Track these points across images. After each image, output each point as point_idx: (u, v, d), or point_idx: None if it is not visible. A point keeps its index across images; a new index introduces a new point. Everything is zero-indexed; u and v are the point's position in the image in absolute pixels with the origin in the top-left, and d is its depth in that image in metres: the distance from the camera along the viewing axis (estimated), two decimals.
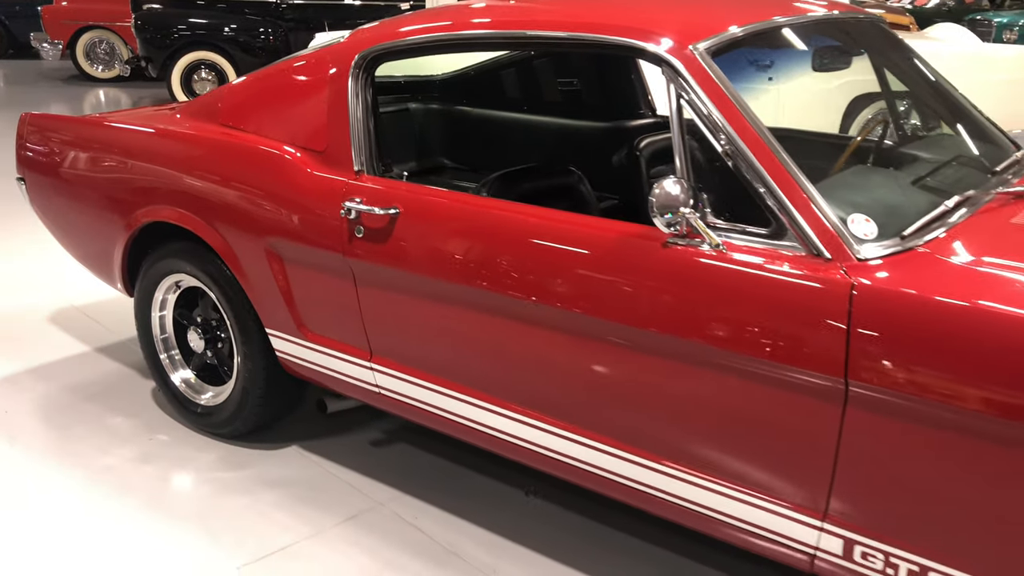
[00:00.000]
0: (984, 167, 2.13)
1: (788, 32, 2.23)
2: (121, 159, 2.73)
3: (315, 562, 2.22)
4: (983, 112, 2.56)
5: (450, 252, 2.03)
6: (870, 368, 1.53)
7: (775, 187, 1.69)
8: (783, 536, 1.75)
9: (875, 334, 1.52)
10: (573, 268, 1.85)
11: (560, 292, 1.87)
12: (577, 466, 2.00)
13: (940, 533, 1.56)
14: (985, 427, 1.45)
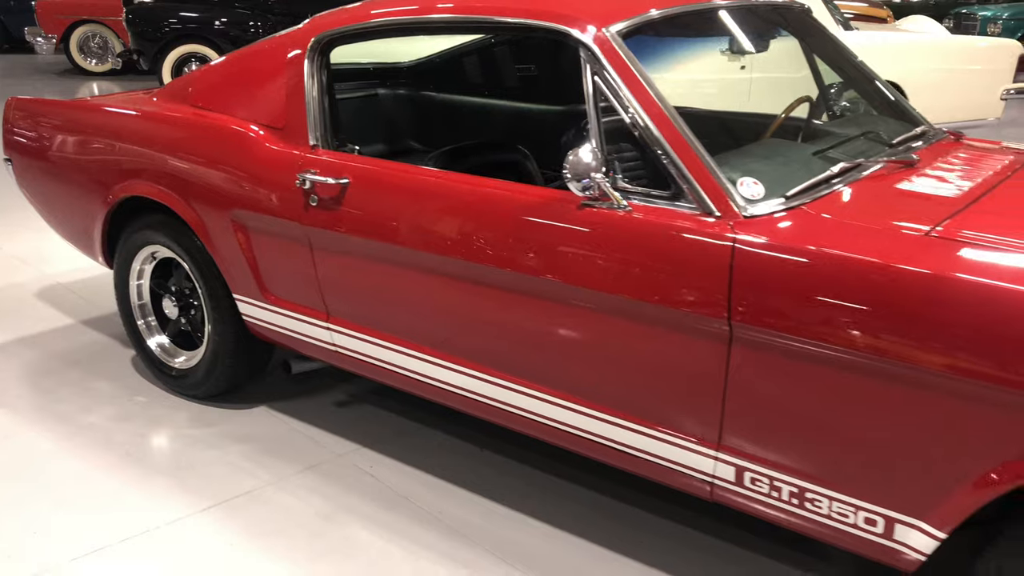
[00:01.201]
0: (884, 140, 2.33)
1: (719, 15, 2.44)
2: (100, 139, 2.93)
3: (274, 505, 2.43)
4: (896, 93, 2.75)
5: (394, 218, 2.23)
6: (748, 311, 1.73)
7: (674, 155, 1.89)
8: (685, 466, 1.95)
9: (752, 281, 1.73)
10: (501, 230, 2.05)
11: (490, 252, 2.07)
12: (509, 411, 2.20)
13: (814, 457, 1.76)
14: (850, 361, 1.65)
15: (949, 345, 1.54)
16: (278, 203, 2.45)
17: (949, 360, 1.53)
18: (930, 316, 1.55)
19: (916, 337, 1.56)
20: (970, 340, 1.52)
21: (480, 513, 2.39)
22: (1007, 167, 2.21)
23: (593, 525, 2.33)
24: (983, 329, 1.51)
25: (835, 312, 1.64)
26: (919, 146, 2.35)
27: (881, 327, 1.60)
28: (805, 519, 1.82)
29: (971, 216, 1.80)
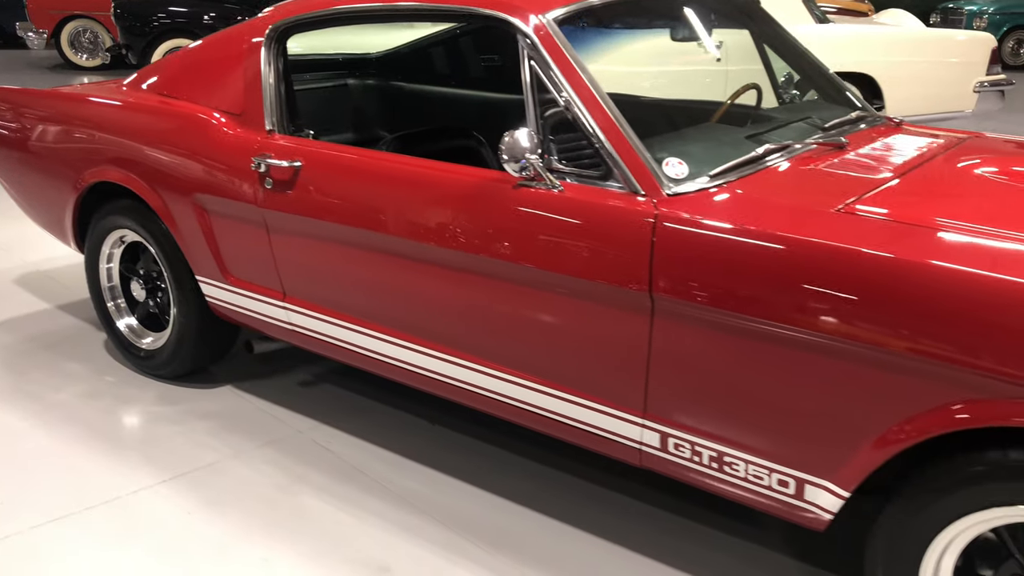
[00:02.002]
0: (818, 124, 2.42)
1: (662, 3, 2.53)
2: (70, 127, 3.02)
3: (232, 476, 2.52)
4: (841, 81, 2.84)
5: (342, 199, 2.33)
6: (667, 283, 1.82)
7: (603, 137, 1.98)
8: (616, 434, 2.04)
9: (670, 255, 1.82)
10: (442, 210, 2.14)
11: (432, 231, 2.16)
12: (453, 384, 2.29)
13: (730, 423, 1.85)
14: (760, 330, 1.74)
15: (848, 313, 1.63)
16: (236, 187, 2.54)
17: (848, 327, 1.63)
18: (830, 286, 1.64)
19: (816, 305, 1.65)
20: (865, 308, 1.61)
21: (429, 484, 2.49)
22: (931, 151, 2.30)
23: (537, 496, 2.43)
24: (875, 297, 1.60)
25: (746, 284, 1.74)
26: (852, 130, 2.44)
27: (787, 297, 1.69)
28: (725, 482, 1.92)
29: (880, 195, 1.89)
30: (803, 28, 6.69)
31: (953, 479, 1.61)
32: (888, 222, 1.73)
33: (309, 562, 2.16)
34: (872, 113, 2.68)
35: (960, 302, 1.52)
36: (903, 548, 1.69)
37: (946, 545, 1.66)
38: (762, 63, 3.08)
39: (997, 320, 1.49)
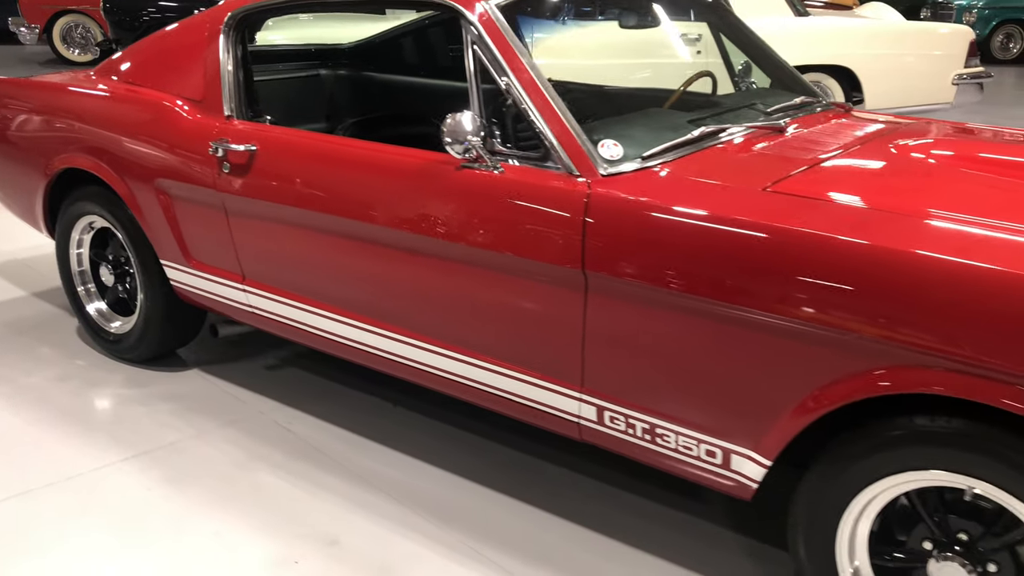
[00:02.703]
0: (762, 109, 2.48)
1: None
2: (39, 115, 3.08)
3: (193, 455, 2.58)
4: (793, 70, 2.90)
5: (296, 182, 2.38)
6: (598, 260, 1.88)
7: (541, 120, 2.04)
8: (556, 408, 2.10)
9: (601, 232, 1.88)
10: (390, 191, 2.20)
11: (380, 213, 2.22)
12: (403, 363, 2.35)
13: (660, 395, 1.91)
14: (686, 304, 1.80)
15: (763, 287, 1.68)
16: (196, 171, 2.60)
17: (764, 300, 1.68)
18: (747, 261, 1.70)
19: (739, 280, 1.71)
20: (783, 282, 1.67)
21: (385, 462, 2.55)
22: (868, 135, 2.35)
23: (490, 473, 2.49)
24: (793, 272, 1.66)
25: (670, 260, 1.79)
26: (796, 115, 2.50)
27: (707, 272, 1.75)
28: (658, 454, 1.98)
29: (806, 176, 1.94)
30: (783, 21, 6.76)
31: (864, 446, 1.67)
32: (806, 200, 1.78)
33: (260, 535, 2.22)
34: (822, 100, 2.74)
35: (867, 276, 1.58)
36: (820, 514, 1.75)
37: (861, 510, 1.72)
38: (719, 53, 3.14)
39: (903, 292, 1.55)
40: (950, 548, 1.66)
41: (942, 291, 1.51)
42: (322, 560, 2.13)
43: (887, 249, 1.58)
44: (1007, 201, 1.86)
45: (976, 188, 1.98)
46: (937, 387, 1.55)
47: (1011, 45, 13.95)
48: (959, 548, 1.65)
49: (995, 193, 1.94)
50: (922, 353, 1.54)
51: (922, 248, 1.56)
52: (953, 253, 1.54)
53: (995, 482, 1.55)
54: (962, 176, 2.07)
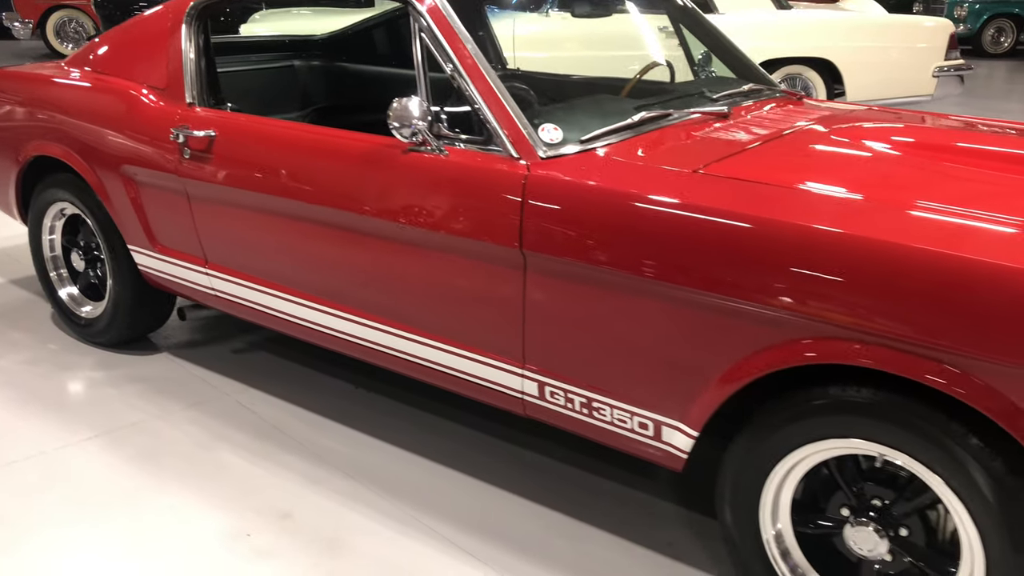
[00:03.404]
0: (708, 96, 2.54)
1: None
2: (11, 104, 3.14)
3: (156, 435, 2.65)
4: (749, 59, 2.95)
5: (252, 166, 2.45)
6: (535, 239, 1.94)
7: (483, 104, 2.09)
8: (501, 385, 2.16)
9: (538, 213, 1.94)
10: (340, 175, 2.26)
11: (332, 195, 2.28)
12: (355, 342, 2.42)
13: (595, 369, 1.97)
14: (618, 281, 1.86)
15: (691, 263, 1.74)
16: (159, 157, 2.66)
17: (686, 276, 1.74)
18: (673, 238, 1.76)
19: (662, 256, 1.77)
20: (707, 258, 1.73)
21: (343, 441, 2.61)
22: (811, 121, 2.41)
23: (444, 450, 2.55)
24: (712, 249, 1.72)
25: (601, 238, 1.85)
26: (744, 102, 2.56)
27: (636, 250, 1.80)
28: (595, 427, 2.04)
29: (736, 158, 2.00)
30: (764, 14, 6.82)
31: (784, 415, 1.73)
32: (733, 181, 1.84)
33: (215, 510, 2.28)
34: (774, 89, 2.80)
35: (777, 251, 1.64)
36: (745, 480, 1.81)
37: (783, 476, 1.78)
38: (680, 43, 3.21)
39: (812, 267, 1.61)
40: (865, 514, 1.72)
41: (844, 265, 1.57)
42: (274, 533, 2.20)
43: (794, 225, 1.64)
44: (924, 180, 1.93)
45: (895, 168, 2.04)
46: (865, 360, 1.60)
47: (1002, 39, 14.00)
48: (873, 514, 1.72)
49: (912, 172, 2.00)
50: (836, 327, 1.61)
51: (827, 224, 1.62)
52: (857, 230, 1.60)
53: (907, 451, 1.61)
54: (884, 157, 2.13)
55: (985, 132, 2.39)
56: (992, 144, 2.22)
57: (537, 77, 3.51)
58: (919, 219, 1.66)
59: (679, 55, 3.35)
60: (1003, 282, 1.45)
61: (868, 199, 1.74)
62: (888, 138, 2.26)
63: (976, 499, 1.55)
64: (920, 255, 1.53)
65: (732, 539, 1.88)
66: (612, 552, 2.15)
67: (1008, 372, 1.45)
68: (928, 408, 1.57)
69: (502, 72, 3.63)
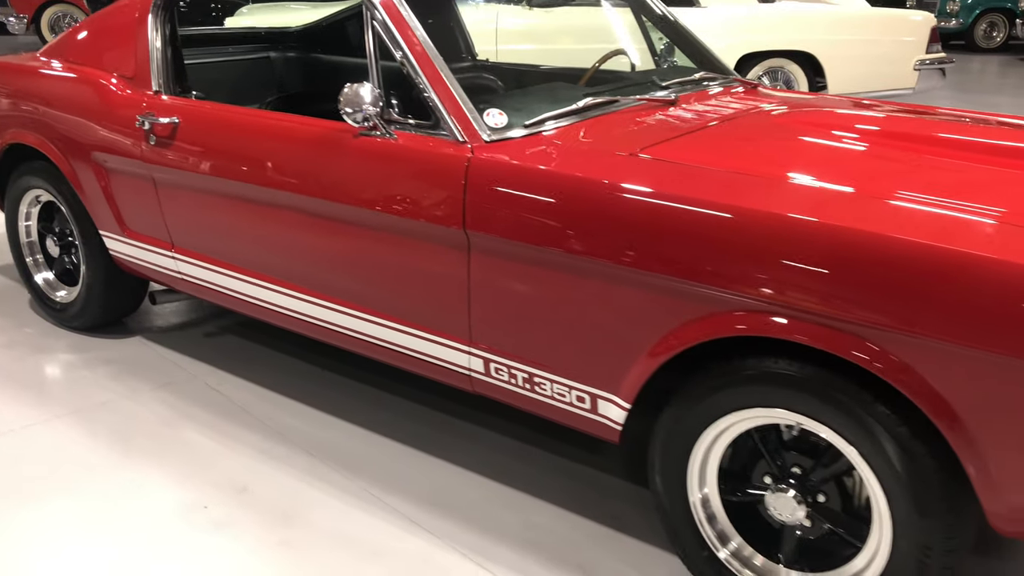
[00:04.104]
0: (657, 84, 2.60)
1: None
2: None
3: (123, 414, 2.72)
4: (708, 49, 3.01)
5: (213, 152, 2.52)
6: (477, 220, 2.01)
7: (431, 90, 2.16)
8: (449, 362, 2.23)
9: (479, 194, 2.01)
10: (296, 159, 2.34)
11: (288, 179, 2.35)
12: (318, 324, 2.48)
13: (535, 345, 2.04)
14: (554, 260, 1.93)
15: (618, 240, 1.81)
16: (126, 144, 2.74)
17: (617, 253, 1.81)
18: (603, 217, 1.83)
19: (595, 234, 1.84)
20: (632, 236, 1.79)
21: (305, 420, 2.69)
22: (756, 108, 2.48)
23: (401, 429, 2.62)
24: (639, 226, 1.79)
25: (540, 217, 1.92)
26: (695, 89, 2.63)
27: (572, 229, 1.87)
28: (537, 402, 2.11)
29: (672, 143, 2.07)
30: (746, 8, 6.87)
31: (708, 386, 1.80)
32: (666, 163, 1.91)
33: (175, 484, 2.36)
34: (729, 76, 2.86)
35: (697, 229, 1.71)
36: (674, 448, 1.88)
37: (709, 444, 1.85)
38: (642, 34, 3.27)
39: (729, 243, 1.68)
40: (786, 481, 1.80)
41: (758, 241, 1.65)
42: (230, 506, 2.27)
43: (712, 202, 1.71)
44: (848, 160, 2.00)
45: (822, 149, 2.11)
46: (792, 335, 1.66)
47: (994, 34, 14.03)
48: (793, 481, 1.79)
49: (839, 153, 2.08)
50: (755, 302, 1.67)
51: (744, 203, 1.69)
52: (774, 208, 1.66)
53: (822, 420, 1.68)
54: (814, 139, 2.20)
55: (922, 119, 2.45)
56: (924, 129, 2.28)
57: (504, 67, 3.58)
58: (834, 196, 1.73)
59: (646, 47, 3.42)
60: (912, 257, 1.52)
61: (787, 178, 1.82)
62: (824, 122, 2.32)
63: (883, 465, 1.62)
64: (832, 232, 1.59)
65: (663, 506, 1.95)
66: (558, 523, 2.22)
67: (920, 345, 1.51)
68: (841, 379, 1.64)
69: (471, 62, 3.70)
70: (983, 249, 1.48)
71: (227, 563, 2.07)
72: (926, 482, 1.59)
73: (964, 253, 1.48)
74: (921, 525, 1.61)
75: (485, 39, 5.88)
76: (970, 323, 1.47)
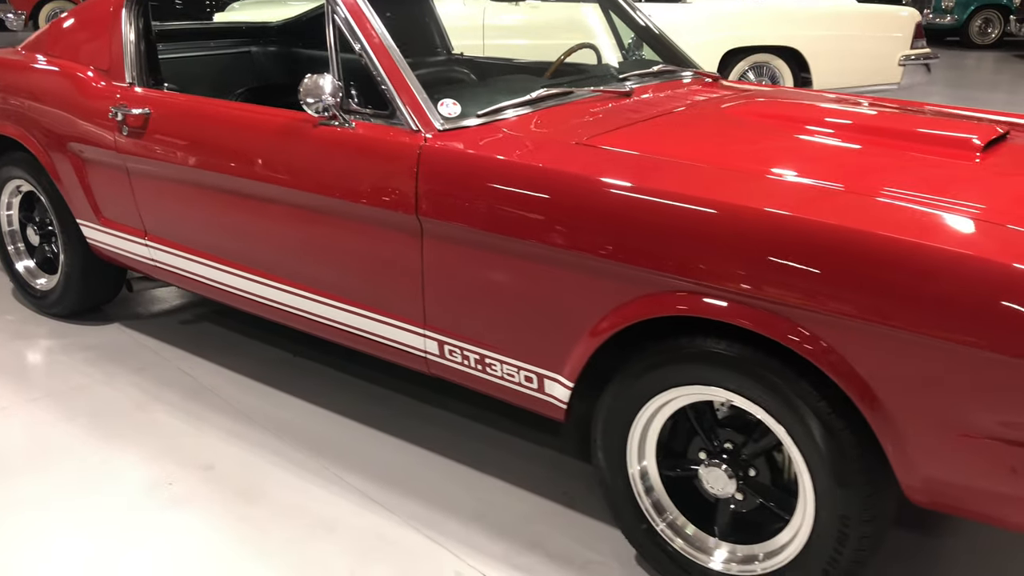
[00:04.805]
0: (614, 75, 2.67)
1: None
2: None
3: (96, 396, 2.80)
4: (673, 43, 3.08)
5: (182, 141, 2.60)
6: (429, 206, 2.08)
7: (388, 81, 2.23)
8: (403, 344, 2.31)
9: (430, 181, 2.08)
10: (259, 148, 2.41)
11: (251, 167, 2.42)
12: (282, 309, 2.56)
13: (485, 327, 2.12)
14: (503, 245, 2.00)
15: (557, 224, 1.88)
16: (100, 135, 2.81)
17: (555, 236, 1.88)
18: (543, 202, 1.90)
19: (537, 219, 1.91)
20: (570, 219, 1.86)
21: (272, 403, 2.76)
22: (707, 100, 2.54)
23: (365, 411, 2.70)
24: (577, 211, 1.86)
25: (486, 203, 1.99)
26: (650, 81, 2.69)
27: (516, 213, 1.94)
28: (489, 383, 2.18)
29: (619, 133, 2.14)
30: (731, 3, 6.93)
31: (646, 364, 1.87)
32: (606, 151, 1.98)
33: (143, 462, 2.44)
34: (691, 70, 2.93)
35: (626, 214, 1.79)
36: (614, 423, 1.95)
37: (648, 420, 1.92)
38: (610, 30, 3.35)
39: (659, 226, 1.75)
40: (719, 456, 1.87)
41: (687, 226, 1.72)
42: (194, 482, 2.35)
43: (644, 188, 1.78)
44: (783, 148, 2.08)
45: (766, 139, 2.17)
46: (743, 321, 1.70)
47: (989, 30, 14.06)
48: (726, 456, 1.86)
49: (776, 141, 2.15)
50: (689, 283, 1.74)
51: (673, 188, 1.76)
52: (706, 193, 1.73)
53: (752, 398, 1.75)
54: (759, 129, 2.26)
55: (871, 111, 2.51)
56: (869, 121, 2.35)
57: (478, 61, 3.65)
58: (765, 183, 1.79)
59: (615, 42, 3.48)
60: (826, 239, 1.58)
61: (723, 166, 1.88)
62: (770, 112, 2.39)
63: (807, 440, 1.68)
64: (754, 215, 1.66)
65: (605, 480, 2.02)
66: (511, 500, 2.29)
67: (841, 326, 1.58)
68: (768, 358, 1.71)
69: (445, 56, 3.77)
70: (891, 230, 1.55)
71: (186, 537, 2.14)
72: (845, 456, 1.66)
73: (872, 234, 1.55)
74: (840, 496, 1.68)
75: (472, 34, 5.97)
76: (880, 303, 1.53)
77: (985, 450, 1.53)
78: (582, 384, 2.01)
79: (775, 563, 1.82)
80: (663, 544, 1.94)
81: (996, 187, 1.85)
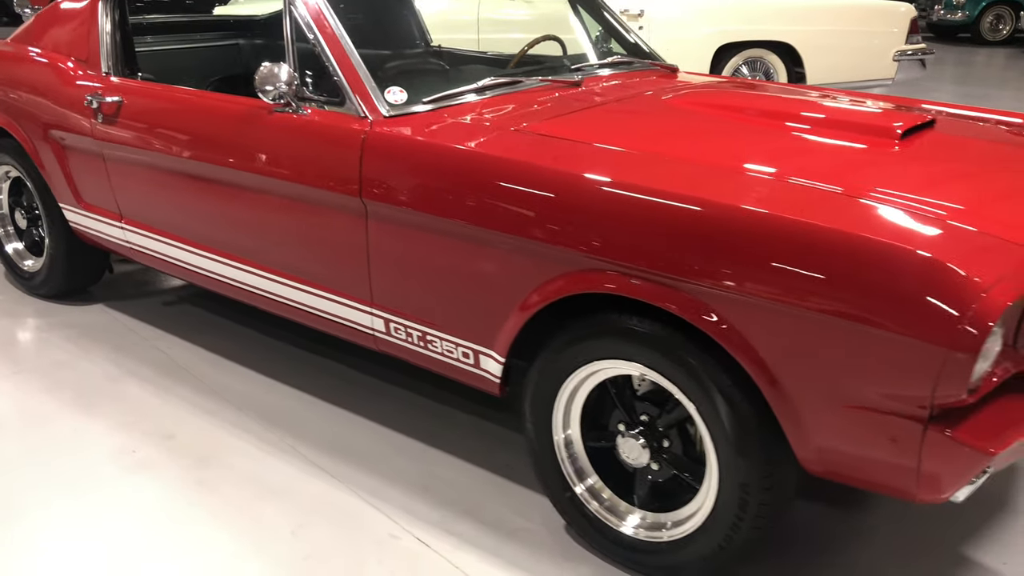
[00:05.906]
0: (566, 66, 2.77)
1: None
2: None
3: (73, 371, 2.94)
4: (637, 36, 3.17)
5: (151, 128, 2.73)
6: (371, 189, 2.19)
7: (338, 69, 2.34)
8: (353, 322, 2.42)
9: (373, 165, 2.19)
10: (219, 133, 2.53)
11: (212, 152, 2.55)
12: (242, 288, 2.68)
13: (426, 305, 2.22)
14: (438, 226, 2.10)
15: (486, 204, 1.98)
16: (78, 122, 2.95)
17: (484, 217, 1.98)
18: (474, 184, 2.00)
19: (467, 200, 2.01)
20: (498, 200, 1.96)
21: (239, 380, 2.89)
22: (656, 91, 2.63)
23: (325, 388, 2.82)
24: (504, 192, 1.96)
25: (422, 184, 2.10)
26: (602, 73, 2.79)
27: (449, 195, 2.05)
28: (431, 359, 2.29)
29: (558, 120, 2.23)
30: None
31: (569, 339, 1.97)
32: (539, 137, 2.08)
33: (111, 432, 2.57)
34: (648, 61, 3.02)
35: (555, 196, 1.88)
36: (541, 395, 2.05)
37: (572, 391, 2.01)
38: (580, 23, 3.44)
39: (572, 208, 1.85)
40: (635, 428, 1.97)
41: (598, 207, 1.82)
42: (156, 450, 2.48)
43: (563, 172, 1.88)
44: (712, 134, 2.17)
45: (696, 126, 2.27)
46: (670, 305, 1.77)
47: (1001, 26, 13.98)
48: (642, 428, 1.96)
49: (706, 128, 2.24)
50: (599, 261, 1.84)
51: (590, 172, 1.86)
52: (616, 176, 1.83)
53: (663, 372, 1.84)
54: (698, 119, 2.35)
55: (807, 100, 2.59)
56: (798, 108, 2.42)
57: (454, 53, 3.75)
58: (682, 167, 1.89)
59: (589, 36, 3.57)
60: (712, 216, 1.68)
61: (646, 151, 1.98)
62: (711, 103, 2.47)
63: (711, 412, 1.77)
64: (661, 196, 1.76)
65: (533, 449, 2.12)
66: (454, 471, 2.40)
67: (737, 302, 1.67)
68: (674, 333, 1.80)
69: (423, 48, 3.88)
70: (779, 210, 1.64)
71: (144, 496, 2.28)
72: (744, 428, 1.75)
73: (760, 214, 1.64)
74: (740, 465, 1.77)
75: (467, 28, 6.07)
76: (768, 278, 1.63)
77: (867, 421, 1.62)
78: (521, 360, 2.11)
79: (682, 531, 1.91)
80: (582, 507, 2.04)
81: (901, 172, 1.93)
